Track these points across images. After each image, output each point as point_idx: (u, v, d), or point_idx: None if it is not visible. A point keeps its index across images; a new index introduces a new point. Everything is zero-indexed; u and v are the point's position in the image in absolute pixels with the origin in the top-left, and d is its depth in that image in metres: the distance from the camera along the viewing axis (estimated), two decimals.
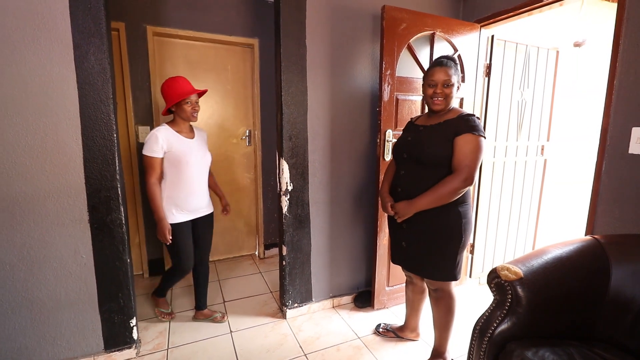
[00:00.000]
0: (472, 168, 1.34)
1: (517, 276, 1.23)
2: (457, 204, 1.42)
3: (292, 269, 2.02)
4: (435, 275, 1.52)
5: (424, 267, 1.54)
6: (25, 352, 1.51)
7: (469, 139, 1.35)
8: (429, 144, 1.43)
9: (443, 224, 1.44)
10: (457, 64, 1.47)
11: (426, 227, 1.47)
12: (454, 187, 1.34)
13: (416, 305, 1.80)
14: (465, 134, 1.35)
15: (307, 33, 1.83)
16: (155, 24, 2.36)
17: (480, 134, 1.35)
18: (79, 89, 1.45)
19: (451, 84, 1.41)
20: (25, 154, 1.40)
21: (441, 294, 1.56)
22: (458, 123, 1.39)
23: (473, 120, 1.38)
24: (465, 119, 1.39)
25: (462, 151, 1.35)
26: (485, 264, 2.50)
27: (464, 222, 1.43)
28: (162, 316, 1.95)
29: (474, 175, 1.34)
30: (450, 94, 1.42)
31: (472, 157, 1.34)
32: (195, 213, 1.79)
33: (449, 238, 1.45)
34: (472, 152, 1.34)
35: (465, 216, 1.44)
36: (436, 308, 1.61)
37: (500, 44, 2.26)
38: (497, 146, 2.37)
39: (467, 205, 1.46)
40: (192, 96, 1.69)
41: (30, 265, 1.47)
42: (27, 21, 1.34)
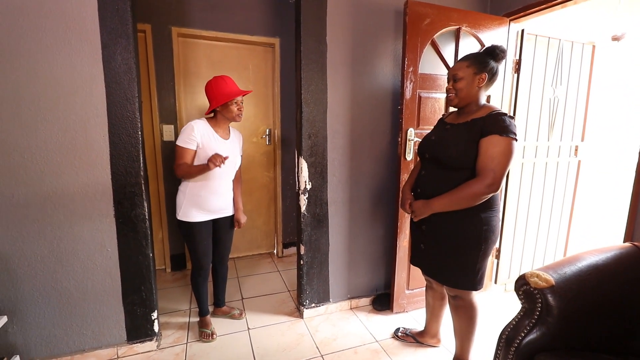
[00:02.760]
0: (498, 173, 1.22)
1: (547, 284, 1.16)
2: (481, 210, 1.32)
3: (309, 269, 2.00)
4: (453, 282, 1.43)
5: (441, 273, 1.46)
6: (53, 341, 1.58)
7: (496, 141, 1.23)
8: (451, 144, 1.34)
9: (462, 230, 1.34)
10: (479, 58, 1.33)
11: (445, 231, 1.38)
12: (475, 191, 1.25)
13: (436, 311, 1.73)
14: (492, 135, 1.23)
15: (327, 30, 1.81)
16: (180, 25, 2.42)
17: (509, 136, 1.23)
18: (107, 87, 1.50)
19: (459, 78, 1.33)
20: (56, 150, 1.47)
21: (460, 303, 1.48)
22: (485, 122, 1.27)
23: (503, 120, 1.25)
24: (494, 117, 1.26)
25: (488, 154, 1.23)
26: (512, 270, 2.39)
27: (485, 230, 1.32)
28: (202, 336, 1.83)
29: (500, 181, 1.22)
30: (462, 89, 1.33)
31: (499, 161, 1.22)
32: (216, 213, 1.77)
33: (468, 245, 1.35)
34: (499, 155, 1.22)
35: (488, 223, 1.33)
36: (456, 316, 1.53)
37: (530, 39, 2.15)
38: (527, 146, 2.26)
39: (492, 211, 1.34)
40: (239, 97, 1.66)
41: (59, 257, 1.53)
42: (59, 23, 1.40)
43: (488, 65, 1.31)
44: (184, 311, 2.12)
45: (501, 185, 1.25)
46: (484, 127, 1.26)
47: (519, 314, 1.24)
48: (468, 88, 1.33)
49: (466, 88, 1.33)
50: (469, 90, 1.33)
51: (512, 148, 1.23)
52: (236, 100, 1.66)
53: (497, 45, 1.33)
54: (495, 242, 1.39)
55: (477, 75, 1.31)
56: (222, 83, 1.66)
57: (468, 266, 1.38)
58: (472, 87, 1.33)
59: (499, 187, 1.24)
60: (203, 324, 1.89)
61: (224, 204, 1.79)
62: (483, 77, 1.31)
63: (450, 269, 1.42)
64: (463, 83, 1.33)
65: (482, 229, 1.32)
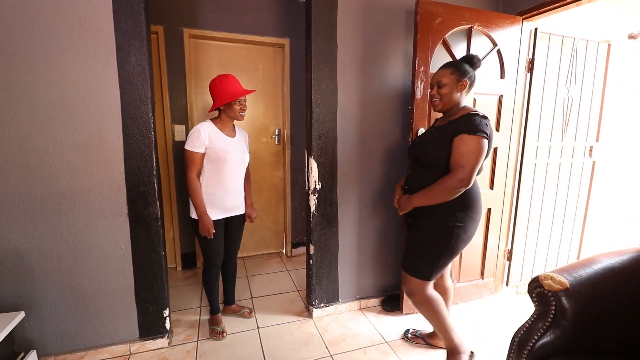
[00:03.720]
0: (467, 169, 1.30)
1: (562, 286, 1.14)
2: (458, 208, 1.41)
3: (319, 269, 2.01)
4: (407, 267, 1.52)
5: (405, 258, 1.55)
6: (68, 336, 1.61)
7: (465, 139, 1.32)
8: (428, 145, 1.47)
9: (436, 224, 1.45)
10: (460, 66, 1.43)
11: (423, 222, 1.49)
12: (447, 186, 1.34)
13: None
14: (461, 134, 1.33)
15: (338, 30, 1.81)
16: (192, 26, 2.45)
17: (477, 134, 1.30)
18: (121, 88, 1.53)
19: (443, 84, 1.42)
20: (72, 150, 1.50)
21: (417, 298, 1.52)
22: (458, 123, 1.37)
23: (473, 120, 1.34)
24: (466, 118, 1.36)
25: (457, 151, 1.33)
26: (524, 272, 2.35)
27: (457, 227, 1.41)
28: (213, 334, 1.85)
29: (470, 176, 1.31)
30: (446, 94, 1.42)
31: (468, 158, 1.31)
32: (229, 212, 1.80)
33: (437, 238, 1.44)
34: (468, 152, 1.31)
35: (462, 221, 1.41)
36: (421, 313, 1.58)
37: (544, 38, 2.12)
38: (540, 147, 2.22)
39: (470, 213, 1.42)
40: (242, 96, 1.68)
41: (75, 254, 1.57)
42: (74, 25, 1.43)
43: (468, 73, 1.42)
44: (195, 309, 2.15)
45: (471, 181, 1.32)
46: (456, 128, 1.36)
47: (532, 316, 1.23)
48: (451, 94, 1.42)
49: (450, 94, 1.43)
50: (452, 96, 1.43)
51: (480, 145, 1.31)
52: (239, 100, 1.68)
53: (473, 55, 1.46)
54: (466, 243, 1.46)
55: (460, 82, 1.42)
56: (226, 82, 1.67)
57: (431, 258, 1.46)
58: (454, 93, 1.43)
59: (470, 182, 1.32)
60: (214, 321, 1.91)
61: (237, 202, 1.82)
62: (464, 84, 1.42)
63: (413, 256, 1.51)
64: (447, 89, 1.42)
65: (455, 225, 1.41)
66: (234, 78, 1.71)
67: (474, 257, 2.18)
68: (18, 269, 1.50)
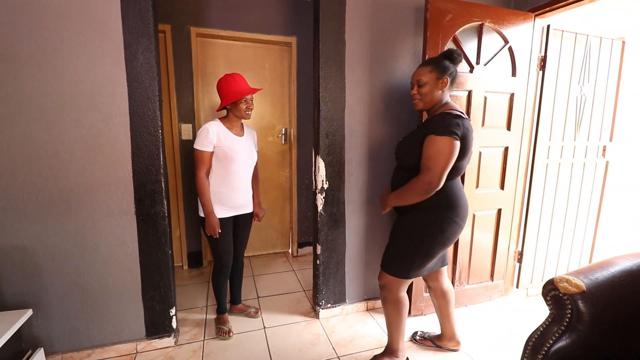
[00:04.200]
0: (433, 171, 1.28)
1: (578, 289, 1.11)
2: (434, 207, 1.39)
3: (326, 269, 1.99)
4: (384, 264, 1.51)
5: (384, 257, 1.54)
6: (75, 334, 1.61)
7: (432, 140, 1.30)
8: (402, 146, 1.45)
9: (412, 223, 1.44)
10: (440, 63, 1.39)
11: (401, 222, 1.49)
12: (415, 187, 1.33)
13: (444, 310, 1.71)
14: (430, 135, 1.31)
15: (346, 28, 1.79)
16: (199, 25, 2.45)
17: (446, 135, 1.27)
18: (129, 86, 1.52)
19: (423, 83, 1.39)
20: (80, 148, 1.50)
21: (387, 294, 1.52)
22: (431, 123, 1.34)
23: (443, 119, 1.31)
24: (438, 118, 1.34)
25: (425, 153, 1.32)
26: (535, 274, 2.31)
27: (432, 227, 1.39)
28: (219, 334, 1.85)
29: (437, 178, 1.29)
30: (427, 93, 1.39)
31: (435, 160, 1.29)
32: (237, 210, 1.80)
33: (412, 237, 1.43)
34: (435, 153, 1.29)
35: (437, 222, 1.39)
36: (384, 307, 1.57)
37: (556, 35, 2.07)
38: (552, 146, 2.17)
39: (445, 212, 1.39)
40: (248, 95, 1.69)
41: (82, 253, 1.57)
42: (83, 23, 1.43)
43: (449, 70, 1.38)
44: (201, 308, 2.14)
45: (440, 182, 1.29)
46: (428, 128, 1.33)
47: (546, 320, 1.19)
48: (432, 92, 1.39)
49: (430, 93, 1.39)
50: (432, 95, 1.40)
51: (449, 146, 1.28)
52: (245, 99, 1.68)
53: (454, 49, 1.41)
54: (444, 244, 1.42)
55: (440, 80, 1.38)
56: (232, 81, 1.68)
57: (406, 256, 1.44)
58: (435, 91, 1.39)
59: (438, 184, 1.30)
60: (221, 321, 1.90)
61: (245, 200, 1.82)
62: (445, 81, 1.38)
63: (391, 254, 1.50)
64: (427, 88, 1.39)
65: (430, 225, 1.39)
66: (240, 77, 1.71)
67: (483, 258, 2.14)
68: (26, 266, 1.50)
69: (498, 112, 1.99)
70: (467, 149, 1.35)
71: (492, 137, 1.99)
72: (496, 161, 2.04)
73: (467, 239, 2.05)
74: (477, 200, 2.01)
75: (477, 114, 1.92)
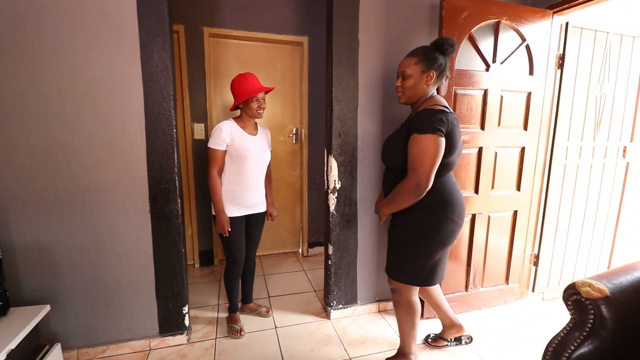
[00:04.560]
0: (420, 172, 1.23)
1: (601, 294, 1.07)
2: (427, 207, 1.33)
3: (337, 269, 1.97)
4: (393, 273, 1.46)
5: (387, 263, 1.50)
6: (91, 330, 1.64)
7: (416, 140, 1.24)
8: (388, 147, 1.40)
9: (407, 225, 1.39)
10: (427, 54, 1.30)
11: (397, 224, 1.44)
12: (404, 190, 1.28)
13: (432, 300, 1.70)
14: (413, 134, 1.25)
15: (359, 26, 1.77)
16: (211, 25, 2.46)
17: (429, 132, 1.21)
18: (144, 86, 1.54)
19: (407, 76, 1.32)
20: (97, 147, 1.52)
21: (397, 298, 1.49)
22: (413, 122, 1.28)
23: (427, 116, 1.25)
24: (421, 115, 1.27)
25: (410, 154, 1.26)
26: (552, 278, 2.25)
27: (427, 228, 1.34)
28: (231, 332, 1.85)
29: (425, 178, 1.23)
30: (409, 87, 1.33)
31: (420, 160, 1.23)
32: (249, 209, 1.80)
33: (408, 240, 1.38)
34: (419, 153, 1.23)
35: (431, 222, 1.34)
36: (396, 311, 1.53)
37: (575, 32, 2.02)
38: (570, 146, 2.12)
39: (439, 211, 1.34)
40: (260, 94, 1.69)
41: (98, 250, 1.59)
42: (101, 23, 1.45)
43: (436, 62, 1.29)
44: (212, 306, 2.15)
45: (428, 183, 1.24)
46: (411, 127, 1.28)
47: (567, 325, 1.16)
48: (415, 86, 1.32)
49: (413, 87, 1.32)
50: (416, 89, 1.33)
51: (433, 144, 1.22)
52: (257, 97, 1.69)
53: (445, 39, 1.30)
54: (443, 243, 1.37)
55: (425, 74, 1.30)
56: (244, 80, 1.69)
57: (408, 261, 1.40)
58: (419, 86, 1.32)
59: (427, 184, 1.25)
60: (232, 319, 1.91)
61: (258, 199, 1.82)
62: (431, 75, 1.30)
63: (393, 260, 1.46)
64: (411, 81, 1.32)
65: (425, 226, 1.34)
66: (252, 76, 1.72)
67: (498, 261, 2.10)
68: (44, 263, 1.53)
69: (515, 112, 1.95)
70: (455, 144, 1.29)
71: (509, 137, 1.95)
72: (512, 162, 2.00)
73: (481, 240, 2.01)
74: (492, 201, 1.97)
75: (493, 113, 1.89)
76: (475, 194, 1.93)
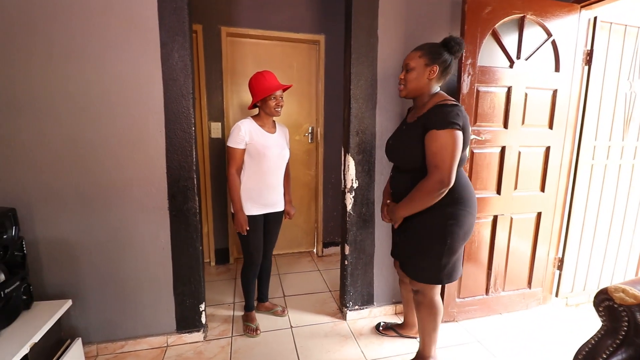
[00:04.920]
0: (443, 168, 1.20)
1: (636, 300, 1.02)
2: (447, 204, 1.30)
3: (354, 270, 1.95)
4: (416, 275, 1.44)
5: (408, 265, 1.48)
6: (109, 326, 1.66)
7: (434, 136, 1.22)
8: (400, 147, 1.37)
9: (428, 223, 1.35)
10: (432, 49, 1.30)
11: (413, 224, 1.39)
12: (427, 190, 1.25)
13: (411, 303, 1.69)
14: (430, 130, 1.23)
15: (379, 22, 1.74)
16: (229, 24, 2.47)
17: (447, 127, 1.19)
18: (164, 84, 1.55)
19: (410, 68, 1.32)
20: (119, 144, 1.54)
21: (421, 298, 1.47)
22: (427, 118, 1.26)
23: (441, 112, 1.23)
24: (434, 111, 1.25)
25: (430, 151, 1.23)
26: (576, 282, 2.17)
27: (451, 224, 1.31)
28: (247, 331, 1.85)
29: (448, 175, 1.21)
30: (412, 80, 1.32)
31: (441, 156, 1.20)
32: (268, 208, 1.79)
33: (433, 239, 1.35)
34: (439, 149, 1.21)
35: (455, 218, 1.31)
36: (417, 312, 1.51)
37: (604, 27, 1.93)
38: (598, 146, 2.03)
39: (461, 206, 1.32)
40: (277, 91, 1.68)
41: (118, 246, 1.61)
42: (124, 22, 1.47)
43: (440, 57, 1.29)
44: (228, 305, 2.16)
45: (452, 177, 1.22)
46: (425, 124, 1.25)
47: (599, 332, 1.10)
48: (418, 80, 1.31)
49: (416, 80, 1.32)
50: (419, 82, 1.32)
51: (453, 138, 1.20)
52: (274, 95, 1.68)
53: (453, 37, 1.30)
54: (465, 238, 1.37)
55: (429, 67, 1.29)
56: (261, 78, 1.68)
57: (432, 260, 1.37)
58: (422, 79, 1.31)
59: (450, 180, 1.22)
60: (248, 318, 1.90)
61: (277, 198, 1.81)
62: (434, 69, 1.29)
63: (415, 262, 1.43)
64: (414, 74, 1.32)
65: (448, 222, 1.31)
66: (270, 74, 1.71)
67: (520, 264, 2.03)
68: (66, 258, 1.56)
69: (540, 110, 1.88)
70: (468, 138, 1.29)
71: (533, 136, 1.88)
72: (537, 162, 1.93)
73: (503, 242, 1.95)
74: (515, 202, 1.91)
75: (516, 111, 1.83)
76: (497, 195, 1.88)
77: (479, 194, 1.84)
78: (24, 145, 1.44)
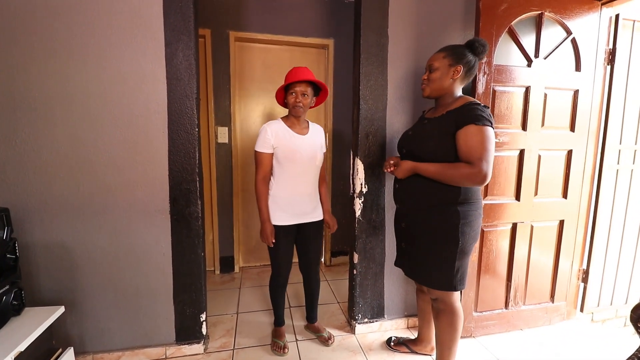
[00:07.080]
0: (486, 162, 1.18)
1: None
2: (457, 202, 1.28)
3: (363, 280, 1.84)
4: (430, 282, 1.38)
5: (420, 272, 1.41)
6: (107, 334, 1.59)
7: (474, 131, 1.19)
8: (425, 138, 1.34)
9: (438, 225, 1.31)
10: (457, 50, 1.30)
11: (422, 227, 1.36)
12: (466, 173, 1.20)
13: (427, 316, 1.63)
14: (467, 125, 1.20)
15: (389, 21, 1.69)
16: (237, 29, 2.45)
17: (484, 124, 1.19)
18: (168, 84, 1.51)
19: (434, 68, 1.32)
20: (120, 145, 1.49)
21: (441, 306, 1.40)
22: (459, 114, 1.24)
23: (476, 109, 1.22)
24: (467, 108, 1.24)
25: (468, 144, 1.20)
26: (603, 296, 2.02)
27: (462, 224, 1.27)
28: (274, 348, 1.70)
29: (488, 171, 1.18)
30: (436, 80, 1.31)
31: (483, 150, 1.18)
32: (300, 217, 1.61)
33: (445, 241, 1.30)
34: (479, 143, 1.18)
35: (465, 217, 1.28)
36: (437, 321, 1.44)
37: (627, 25, 1.85)
38: (623, 150, 1.91)
39: (470, 204, 1.30)
40: (297, 86, 1.51)
41: (116, 251, 1.55)
42: (127, 21, 1.44)
43: (465, 58, 1.29)
44: (231, 315, 2.06)
45: (489, 176, 1.19)
46: (458, 119, 1.23)
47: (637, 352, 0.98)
48: (441, 79, 1.31)
49: (439, 79, 1.32)
50: (442, 82, 1.31)
51: (489, 135, 1.20)
52: (294, 91, 1.52)
53: (477, 39, 1.30)
54: (475, 238, 1.33)
55: (452, 67, 1.29)
56: (290, 71, 1.55)
57: (446, 264, 1.32)
58: (446, 79, 1.31)
59: (487, 177, 1.19)
60: (276, 334, 1.77)
61: (310, 207, 1.63)
62: (458, 70, 1.29)
63: (428, 268, 1.37)
64: (437, 74, 1.32)
65: (459, 222, 1.28)
66: (301, 68, 1.56)
67: (542, 276, 1.90)
68: (63, 262, 1.50)
69: (560, 111, 1.78)
70: None
71: (553, 139, 1.78)
72: (558, 166, 1.81)
73: (523, 252, 1.83)
74: (535, 209, 1.79)
75: (535, 112, 1.73)
76: (517, 201, 1.76)
77: (496, 200, 1.74)
78: (23, 146, 1.41)
